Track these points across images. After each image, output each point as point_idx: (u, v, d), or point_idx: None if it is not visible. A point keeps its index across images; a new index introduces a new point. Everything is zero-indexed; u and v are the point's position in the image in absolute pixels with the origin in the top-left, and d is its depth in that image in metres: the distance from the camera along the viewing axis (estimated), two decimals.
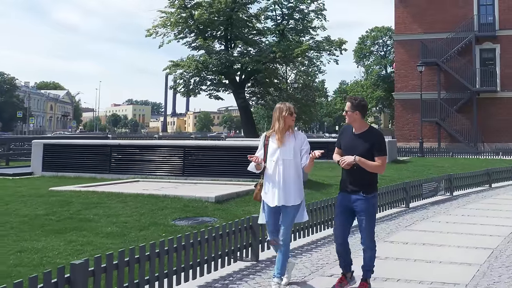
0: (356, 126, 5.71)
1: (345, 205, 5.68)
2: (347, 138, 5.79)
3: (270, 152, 5.81)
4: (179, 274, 5.86)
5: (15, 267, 6.39)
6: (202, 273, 6.22)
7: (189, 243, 6.00)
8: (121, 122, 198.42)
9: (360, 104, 5.68)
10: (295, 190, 5.72)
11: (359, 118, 5.66)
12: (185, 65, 41.79)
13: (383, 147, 5.65)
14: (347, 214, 5.70)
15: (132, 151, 15.59)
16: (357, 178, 5.59)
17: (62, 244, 7.49)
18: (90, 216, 9.33)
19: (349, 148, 5.67)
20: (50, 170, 15.87)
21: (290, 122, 5.81)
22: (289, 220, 5.75)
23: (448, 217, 11.09)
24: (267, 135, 5.95)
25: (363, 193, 5.57)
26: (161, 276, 5.57)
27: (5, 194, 11.64)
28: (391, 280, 6.23)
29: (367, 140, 5.60)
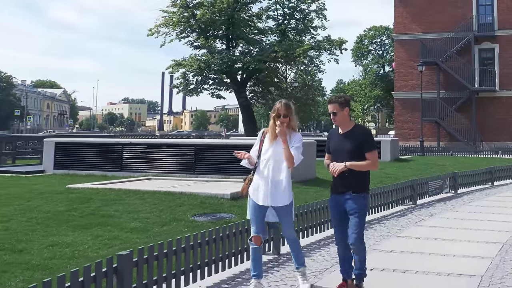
0: (344, 125, 5.61)
1: (338, 206, 5.61)
2: (334, 140, 5.69)
3: (263, 150, 5.72)
4: (210, 266, 6.18)
5: (50, 259, 6.68)
6: (230, 265, 6.54)
7: (219, 236, 6.33)
8: (117, 121, 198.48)
9: (347, 100, 5.66)
10: (283, 191, 5.58)
11: (347, 115, 5.59)
12: (188, 64, 42.13)
13: (372, 142, 5.55)
14: (341, 215, 5.61)
15: (143, 149, 15.88)
16: (347, 179, 5.49)
17: (89, 239, 7.78)
18: (111, 212, 9.63)
19: (337, 150, 5.59)
20: (61, 168, 16.14)
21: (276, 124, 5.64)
22: (288, 218, 5.71)
23: (455, 213, 11.43)
24: (265, 131, 5.85)
25: (352, 192, 5.48)
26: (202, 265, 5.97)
27: (24, 191, 11.94)
28: (409, 272, 6.55)
29: (355, 138, 5.50)
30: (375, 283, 6.02)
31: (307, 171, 14.35)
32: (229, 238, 6.51)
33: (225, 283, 6.12)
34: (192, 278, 5.88)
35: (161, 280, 5.42)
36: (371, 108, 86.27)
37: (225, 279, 6.26)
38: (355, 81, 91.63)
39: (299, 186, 12.91)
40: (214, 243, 6.25)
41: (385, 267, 6.75)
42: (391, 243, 8.33)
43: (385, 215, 11.04)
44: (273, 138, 5.65)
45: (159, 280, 5.39)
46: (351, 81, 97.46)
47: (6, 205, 10.33)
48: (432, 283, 6.10)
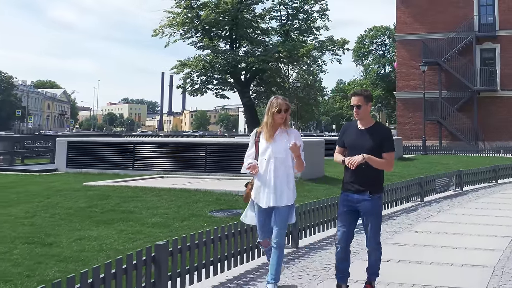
0: (364, 121, 5.37)
1: (349, 205, 5.34)
2: (352, 134, 5.41)
3: (261, 150, 5.47)
4: (236, 257, 6.49)
5: (80, 252, 6.98)
6: (253, 257, 6.85)
7: (243, 229, 6.63)
8: (117, 121, 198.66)
9: (371, 95, 5.49)
10: (287, 190, 5.43)
11: (369, 110, 5.41)
12: (192, 64, 42.53)
13: (392, 143, 5.34)
14: (351, 215, 5.36)
15: (155, 148, 16.20)
16: (363, 176, 5.23)
17: (114, 233, 8.08)
18: (131, 208, 9.93)
19: (355, 145, 5.32)
20: (74, 167, 16.43)
21: (278, 119, 5.44)
22: (283, 221, 5.43)
23: (463, 209, 11.75)
24: (258, 131, 5.61)
25: (370, 193, 5.23)
26: (229, 256, 6.33)
27: (42, 189, 12.25)
28: (424, 263, 6.85)
29: (375, 136, 5.26)
30: (393, 273, 6.33)
31: (316, 169, 14.63)
32: (252, 231, 6.81)
33: (250, 273, 6.42)
34: (220, 268, 6.19)
35: (193, 269, 5.73)
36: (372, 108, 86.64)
37: (249, 269, 6.56)
38: (355, 81, 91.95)
39: (309, 184, 13.23)
40: (240, 235, 6.56)
41: (400, 259, 7.06)
42: (403, 237, 8.64)
43: (395, 211, 11.35)
44: (270, 136, 5.43)
45: (191, 270, 5.70)
46: (351, 81, 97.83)
47: (27, 202, 10.64)
48: (447, 273, 6.41)
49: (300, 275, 6.38)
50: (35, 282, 5.64)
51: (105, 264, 4.64)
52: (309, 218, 8.26)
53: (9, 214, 9.45)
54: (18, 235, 7.79)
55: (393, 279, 6.08)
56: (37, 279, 5.78)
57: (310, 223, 8.28)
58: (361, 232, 8.98)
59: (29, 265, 6.30)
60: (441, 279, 6.10)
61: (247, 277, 6.28)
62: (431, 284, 5.90)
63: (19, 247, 7.10)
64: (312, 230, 8.36)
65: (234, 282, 6.09)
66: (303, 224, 8.09)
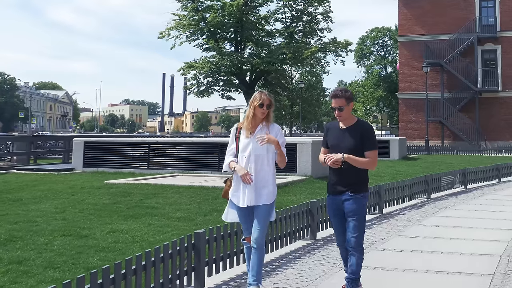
0: (346, 121, 5.27)
1: (335, 208, 5.29)
2: (334, 134, 5.33)
3: (242, 147, 5.27)
4: None
5: (115, 243, 7.50)
6: (277, 247, 7.39)
7: None
8: (118, 122, 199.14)
9: (352, 94, 5.31)
10: (267, 189, 5.25)
11: (351, 111, 5.30)
12: (199, 66, 43.16)
13: (374, 141, 5.22)
14: (339, 217, 5.30)
15: (170, 148, 16.76)
16: (344, 177, 5.17)
17: (143, 226, 8.62)
18: (154, 204, 10.47)
19: (336, 145, 5.24)
20: (90, 166, 16.95)
21: (259, 114, 5.23)
22: (264, 221, 5.24)
23: (468, 205, 12.29)
24: (239, 127, 5.39)
25: (350, 193, 5.15)
26: None
27: (65, 187, 12.81)
28: (436, 253, 7.39)
29: (356, 134, 5.17)
30: (407, 261, 6.88)
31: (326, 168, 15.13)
32: (276, 223, 7.32)
33: (275, 262, 6.95)
34: None
35: (226, 256, 6.27)
36: (373, 108, 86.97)
37: (274, 258, 7.09)
38: (357, 82, 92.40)
39: (319, 182, 13.73)
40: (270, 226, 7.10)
41: (413, 249, 7.60)
42: (414, 230, 9.17)
43: (403, 207, 11.88)
44: (250, 131, 5.24)
45: (224, 256, 6.25)
46: (353, 82, 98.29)
47: (54, 199, 11.22)
48: (457, 261, 6.94)
49: (322, 263, 6.91)
50: (81, 268, 6.16)
51: (154, 249, 5.19)
52: (325, 212, 8.78)
53: (40, 210, 10.01)
54: (54, 228, 8.32)
55: (408, 266, 6.62)
56: (82, 266, 6.30)
57: (326, 217, 8.80)
58: (372, 226, 9.60)
59: (71, 254, 6.82)
60: (452, 266, 6.62)
61: (273, 264, 6.81)
62: (443, 270, 6.43)
63: (58, 239, 7.62)
64: (328, 223, 8.88)
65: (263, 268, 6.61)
66: (320, 218, 8.62)
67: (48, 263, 6.41)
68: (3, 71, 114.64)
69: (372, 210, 10.74)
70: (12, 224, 8.62)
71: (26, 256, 6.66)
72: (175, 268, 5.37)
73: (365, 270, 6.43)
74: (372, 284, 5.83)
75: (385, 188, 11.22)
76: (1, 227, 8.39)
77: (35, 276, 5.86)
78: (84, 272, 5.92)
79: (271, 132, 5.22)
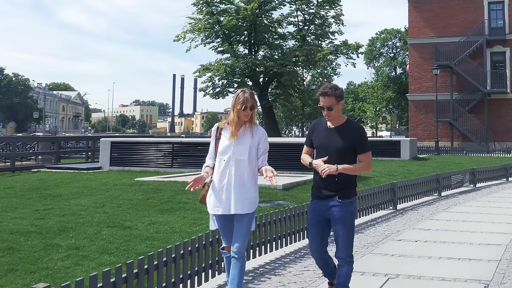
0: (335, 120, 4.86)
1: (320, 214, 4.85)
2: (321, 134, 4.90)
3: (222, 149, 4.86)
4: (291, 236, 7.86)
5: (157, 233, 8.29)
6: (301, 238, 8.20)
7: (296, 213, 7.98)
8: (129, 123, 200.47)
9: (342, 92, 4.91)
10: (249, 196, 4.82)
11: (341, 109, 4.89)
12: (214, 68, 44.21)
13: (367, 142, 4.85)
14: (322, 224, 4.88)
15: (192, 147, 17.65)
16: (332, 181, 4.76)
17: (178, 219, 9.42)
18: (184, 200, 11.28)
19: (324, 145, 4.84)
20: (117, 165, 17.88)
21: (243, 117, 4.83)
22: (244, 230, 4.84)
23: (477, 202, 13.06)
24: (220, 127, 4.97)
25: (339, 198, 4.76)
26: (286, 235, 7.76)
27: (99, 184, 13.67)
28: (447, 243, 8.18)
29: (347, 135, 4.77)
30: (422, 250, 7.68)
31: None
32: (299, 216, 8.10)
33: (303, 249, 7.75)
34: (280, 245, 7.56)
35: (261, 243, 7.09)
36: (383, 109, 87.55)
37: (301, 247, 7.90)
38: (366, 83, 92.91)
39: None
40: (297, 217, 7.92)
41: (427, 240, 8.41)
42: (427, 224, 9.97)
43: (415, 204, 12.66)
44: (233, 135, 4.83)
45: (260, 244, 7.07)
46: (362, 83, 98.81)
47: (90, 195, 12.06)
48: (467, 249, 7.74)
49: None
50: (132, 254, 6.97)
51: (198, 236, 5.98)
52: None
53: (81, 204, 10.85)
54: (99, 220, 9.15)
55: (422, 254, 7.42)
56: (133, 252, 7.11)
57: None
58: (388, 220, 10.41)
59: (120, 242, 7.62)
60: (463, 254, 7.42)
61: (301, 252, 7.61)
62: (455, 257, 7.23)
63: (104, 230, 8.44)
64: None
65: (292, 255, 7.42)
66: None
67: (102, 249, 7.21)
68: (17, 72, 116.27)
69: (387, 206, 11.53)
70: (60, 217, 9.45)
71: (81, 244, 7.47)
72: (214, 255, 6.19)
73: (385, 257, 7.31)
74: (392, 267, 6.65)
75: (399, 185, 12.01)
76: (51, 219, 9.22)
77: (94, 260, 6.66)
78: (135, 257, 6.74)
79: (254, 135, 4.85)
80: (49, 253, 6.81)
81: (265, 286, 6.04)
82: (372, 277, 6.29)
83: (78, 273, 5.92)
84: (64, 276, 5.83)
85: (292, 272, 6.46)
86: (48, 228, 8.39)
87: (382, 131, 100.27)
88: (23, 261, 6.45)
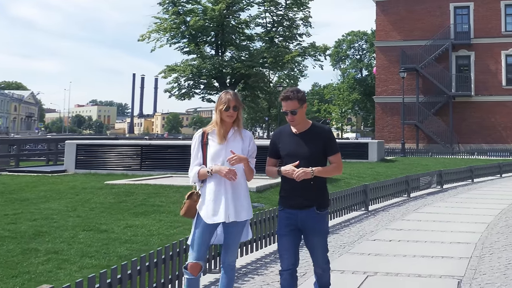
0: (300, 125, 4.62)
1: (292, 224, 4.55)
2: (287, 142, 4.62)
3: (212, 154, 4.61)
4: (270, 238, 7.96)
5: (135, 236, 8.25)
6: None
7: (271, 216, 8.09)
8: (86, 123, 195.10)
9: (304, 95, 4.67)
10: (247, 202, 4.68)
11: (304, 113, 4.65)
12: (180, 69, 44.06)
13: (336, 143, 4.67)
14: (294, 236, 4.58)
15: (162, 150, 17.60)
16: (307, 188, 4.48)
17: (154, 222, 9.39)
18: (158, 203, 11.24)
19: (293, 153, 4.54)
20: (82, 168, 17.57)
21: (226, 118, 4.62)
22: (238, 239, 4.69)
23: (446, 203, 13.39)
24: (205, 132, 4.70)
25: (317, 209, 4.51)
26: (266, 236, 7.83)
27: (66, 188, 13.36)
28: (420, 242, 8.41)
29: (315, 139, 4.56)
30: (396, 249, 7.89)
31: None
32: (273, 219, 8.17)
33: None
34: (260, 246, 7.72)
35: (242, 244, 7.18)
36: (348, 111, 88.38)
37: None
38: (331, 84, 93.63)
39: None
40: (273, 220, 8.01)
41: (400, 239, 8.63)
42: (398, 224, 10.20)
43: (386, 205, 12.91)
44: (223, 138, 4.62)
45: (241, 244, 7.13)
46: (327, 84, 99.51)
47: (59, 198, 11.78)
48: (440, 248, 7.99)
49: None
50: (114, 257, 6.94)
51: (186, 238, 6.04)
52: None
53: (52, 208, 10.59)
54: (73, 224, 9.04)
55: (397, 252, 7.64)
56: (114, 255, 7.07)
57: None
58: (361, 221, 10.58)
59: (99, 246, 7.56)
60: (435, 252, 7.67)
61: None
62: (428, 255, 7.46)
63: (81, 234, 8.34)
64: None
65: (272, 256, 7.52)
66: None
67: (82, 253, 7.15)
68: None
69: (359, 207, 11.75)
70: (32, 221, 9.26)
71: (59, 248, 7.38)
72: None
73: (362, 256, 7.48)
74: (370, 266, 6.84)
75: (371, 187, 12.24)
76: (23, 223, 9.05)
77: (75, 263, 6.63)
78: (117, 260, 6.75)
79: (244, 139, 4.68)
80: (28, 258, 6.75)
81: (250, 285, 6.16)
82: (352, 275, 6.48)
83: (61, 277, 5.91)
84: (48, 279, 5.81)
85: (274, 272, 6.55)
86: (22, 233, 8.26)
87: (347, 132, 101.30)
88: (2, 265, 6.38)
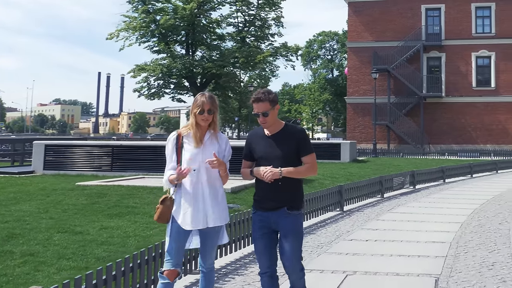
0: (272, 127, 4.56)
1: (266, 227, 4.49)
2: (260, 144, 4.57)
3: (188, 158, 4.50)
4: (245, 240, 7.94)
5: (111, 238, 8.10)
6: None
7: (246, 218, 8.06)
8: (49, 123, 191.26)
9: (276, 96, 4.59)
10: (224, 206, 4.63)
11: (277, 115, 4.60)
12: (150, 69, 43.77)
13: (310, 144, 4.59)
14: (270, 238, 4.51)
15: (133, 151, 17.51)
16: (280, 190, 4.43)
17: (129, 224, 9.27)
18: (132, 204, 11.11)
19: (266, 155, 4.50)
20: (51, 169, 17.33)
21: (201, 122, 4.52)
22: (216, 243, 4.65)
23: (419, 203, 13.54)
24: (180, 134, 4.59)
25: (288, 209, 4.43)
26: (244, 237, 7.87)
27: (36, 189, 13.02)
28: (396, 242, 8.49)
29: (288, 140, 4.50)
30: (373, 249, 7.96)
31: None
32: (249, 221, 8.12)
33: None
34: (238, 247, 7.70)
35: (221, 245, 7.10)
36: (319, 111, 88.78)
37: None
38: (302, 84, 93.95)
39: None
40: (247, 222, 7.98)
41: (377, 239, 8.71)
42: (374, 224, 10.28)
43: (361, 205, 13.01)
44: (199, 142, 4.53)
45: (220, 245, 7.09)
46: (298, 84, 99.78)
47: (30, 200, 11.49)
48: (416, 247, 8.09)
49: None
50: (91, 258, 6.83)
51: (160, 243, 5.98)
52: None
53: (23, 210, 10.32)
54: (47, 226, 8.84)
55: (374, 252, 7.71)
56: (91, 256, 6.94)
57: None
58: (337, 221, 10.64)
59: (76, 247, 7.40)
60: (412, 251, 7.76)
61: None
62: (405, 254, 7.56)
63: (56, 236, 8.16)
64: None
65: (250, 256, 7.49)
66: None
67: (58, 254, 6.99)
68: None
69: (335, 208, 11.82)
70: (3, 223, 9.04)
71: (34, 250, 7.22)
72: None
73: (340, 256, 7.52)
74: (348, 265, 6.90)
75: (346, 188, 12.31)
76: None
77: (52, 265, 6.49)
78: (95, 262, 6.65)
79: (220, 143, 4.61)
80: (4, 260, 6.60)
81: (231, 286, 6.14)
82: (331, 274, 6.53)
83: (39, 279, 5.81)
84: (26, 282, 5.69)
85: (254, 272, 6.53)
86: None
87: (318, 133, 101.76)
88: None
